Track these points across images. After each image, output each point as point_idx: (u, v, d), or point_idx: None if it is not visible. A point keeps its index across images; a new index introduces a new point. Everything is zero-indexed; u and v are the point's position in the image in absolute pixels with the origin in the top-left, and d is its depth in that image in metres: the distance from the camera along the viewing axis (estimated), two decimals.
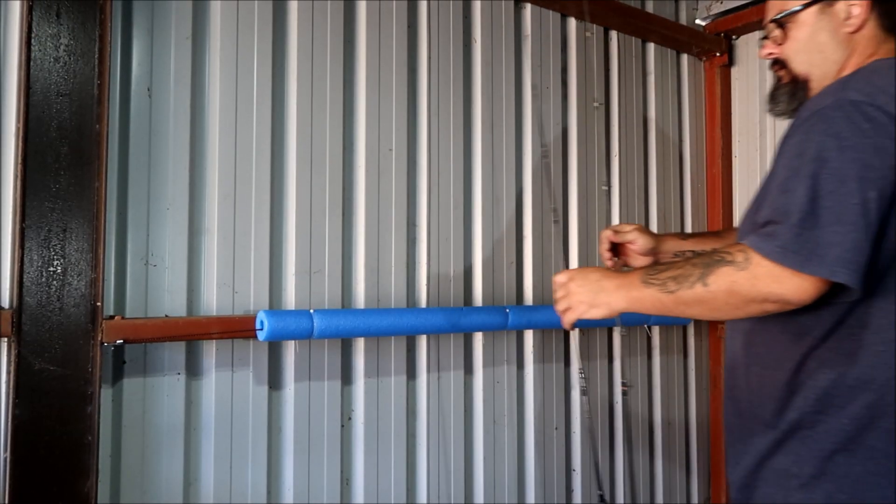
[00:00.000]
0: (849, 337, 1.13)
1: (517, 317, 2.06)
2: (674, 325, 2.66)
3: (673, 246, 1.57)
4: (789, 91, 1.31)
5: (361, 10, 1.94)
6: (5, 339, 1.40)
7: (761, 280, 1.08)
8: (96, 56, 1.46)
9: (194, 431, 1.64)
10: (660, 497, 2.60)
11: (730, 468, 1.32)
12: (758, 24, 2.70)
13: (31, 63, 1.40)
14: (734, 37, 2.84)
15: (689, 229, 2.77)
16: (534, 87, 2.15)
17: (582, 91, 2.43)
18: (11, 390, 1.36)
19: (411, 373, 2.00)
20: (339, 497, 1.84)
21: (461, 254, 2.10)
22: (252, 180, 1.73)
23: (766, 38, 1.34)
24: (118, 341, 1.49)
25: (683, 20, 2.83)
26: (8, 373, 1.38)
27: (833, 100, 1.11)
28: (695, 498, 2.74)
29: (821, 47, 1.26)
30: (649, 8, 2.68)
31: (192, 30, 1.67)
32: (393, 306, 1.94)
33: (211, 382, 1.66)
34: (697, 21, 2.85)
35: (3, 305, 1.41)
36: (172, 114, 1.63)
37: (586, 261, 2.38)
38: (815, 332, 1.15)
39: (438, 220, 2.06)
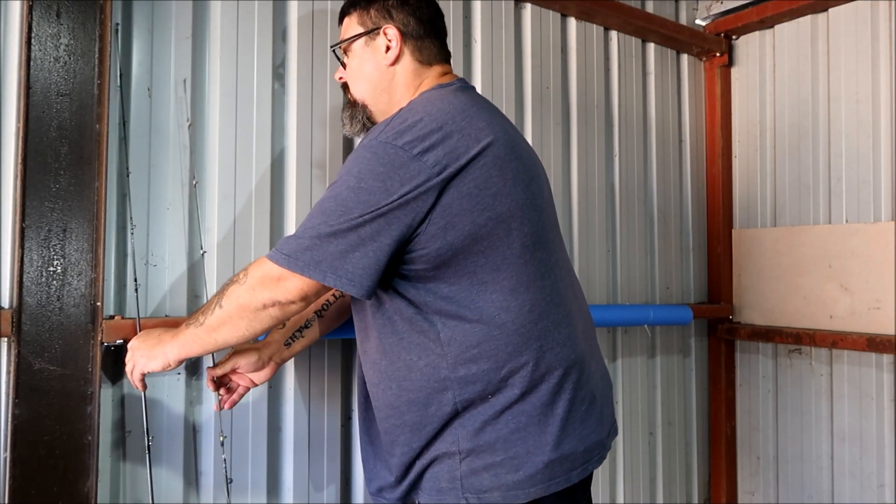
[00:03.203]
0: (469, 331, 1.26)
1: None
2: (674, 326, 2.66)
3: (279, 337, 1.54)
4: (350, 114, 1.45)
5: None
6: (5, 339, 1.40)
7: (256, 289, 1.23)
8: (96, 56, 1.46)
9: (195, 431, 1.64)
10: (660, 497, 2.60)
11: (376, 474, 1.42)
12: (758, 24, 2.71)
13: (31, 63, 1.40)
14: (734, 37, 2.84)
15: (689, 229, 2.78)
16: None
17: (582, 91, 2.43)
18: (11, 390, 1.36)
19: None
20: (339, 497, 1.84)
21: None
22: (252, 180, 1.73)
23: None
24: (118, 341, 1.49)
25: (683, 20, 2.84)
26: (8, 373, 1.39)
27: (370, 139, 1.24)
28: (695, 498, 2.74)
29: (368, 77, 1.40)
30: (649, 8, 2.68)
31: (192, 30, 1.67)
32: None
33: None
34: (697, 21, 2.85)
35: (3, 305, 1.41)
36: (172, 114, 1.63)
37: (586, 262, 2.39)
38: (436, 337, 1.27)
39: None
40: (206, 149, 1.69)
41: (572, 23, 2.43)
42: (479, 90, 2.14)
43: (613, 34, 2.55)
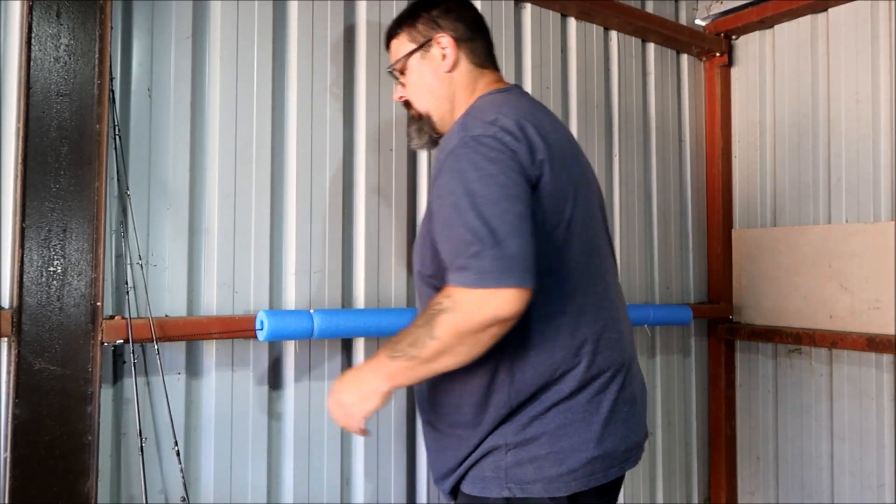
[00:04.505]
0: (526, 334, 1.27)
1: None
2: (674, 326, 2.66)
3: None
4: (417, 127, 1.49)
5: (362, 10, 1.94)
6: (5, 339, 1.40)
7: (473, 311, 1.17)
8: (96, 56, 1.46)
9: (194, 431, 1.64)
10: (660, 497, 2.60)
11: (434, 464, 1.43)
12: (758, 24, 2.71)
13: (31, 63, 1.40)
14: (734, 37, 2.84)
15: (689, 230, 2.78)
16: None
17: (582, 91, 2.43)
18: (11, 390, 1.36)
19: None
20: (339, 497, 1.84)
21: None
22: (252, 180, 1.73)
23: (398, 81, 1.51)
24: (118, 341, 1.49)
25: (683, 20, 2.83)
26: (8, 373, 1.38)
27: (458, 140, 1.26)
28: (695, 498, 2.74)
29: (429, 87, 1.44)
30: (649, 8, 2.68)
31: (192, 30, 1.67)
32: (393, 306, 1.94)
33: (211, 382, 1.66)
34: (697, 21, 2.85)
35: (3, 305, 1.41)
36: (172, 114, 1.63)
37: None
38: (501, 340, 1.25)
39: None
40: (207, 149, 1.69)
41: (572, 23, 2.43)
42: None
43: (613, 34, 2.55)
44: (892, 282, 2.29)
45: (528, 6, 2.30)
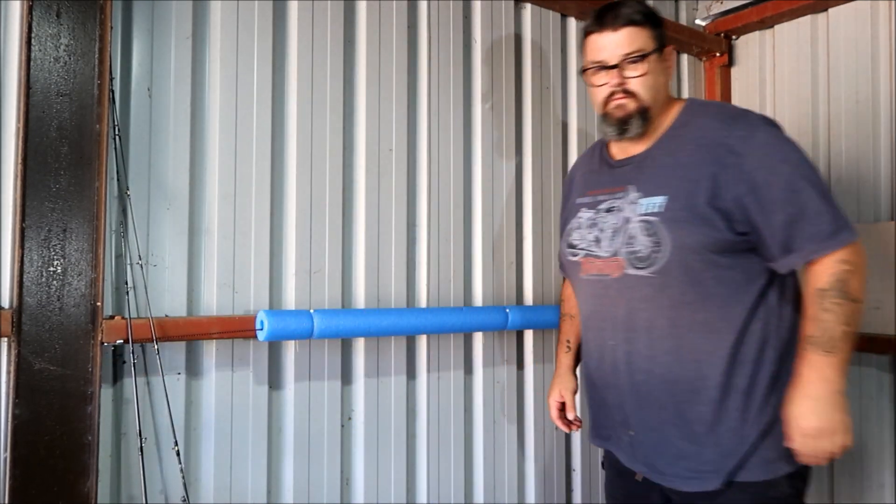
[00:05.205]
0: (778, 298, 1.44)
1: (517, 317, 2.06)
2: None
3: (570, 362, 1.83)
4: (641, 116, 1.55)
5: (361, 10, 1.94)
6: (5, 339, 1.40)
7: (863, 262, 1.37)
8: (96, 56, 1.46)
9: (194, 431, 1.64)
10: None
11: (686, 468, 1.44)
12: (758, 24, 2.71)
13: (31, 63, 1.40)
14: (734, 37, 2.84)
15: None
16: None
17: (581, 91, 2.43)
18: (11, 390, 1.36)
19: (411, 373, 2.00)
20: (339, 497, 1.84)
21: (461, 254, 2.10)
22: (252, 180, 1.73)
23: (606, 67, 1.54)
24: (118, 341, 1.49)
25: (683, 20, 2.83)
26: (8, 373, 1.39)
27: (760, 123, 1.46)
28: None
29: (660, 86, 1.57)
30: None
31: (192, 30, 1.67)
32: (393, 306, 1.94)
33: (211, 382, 1.66)
34: (697, 21, 2.85)
35: (3, 305, 1.41)
36: (172, 114, 1.63)
37: None
38: (766, 297, 1.44)
39: (438, 220, 2.06)
40: (207, 149, 1.69)
41: (572, 23, 2.43)
42: (479, 90, 2.17)
43: None
44: (892, 282, 2.29)
45: (528, 6, 2.30)
